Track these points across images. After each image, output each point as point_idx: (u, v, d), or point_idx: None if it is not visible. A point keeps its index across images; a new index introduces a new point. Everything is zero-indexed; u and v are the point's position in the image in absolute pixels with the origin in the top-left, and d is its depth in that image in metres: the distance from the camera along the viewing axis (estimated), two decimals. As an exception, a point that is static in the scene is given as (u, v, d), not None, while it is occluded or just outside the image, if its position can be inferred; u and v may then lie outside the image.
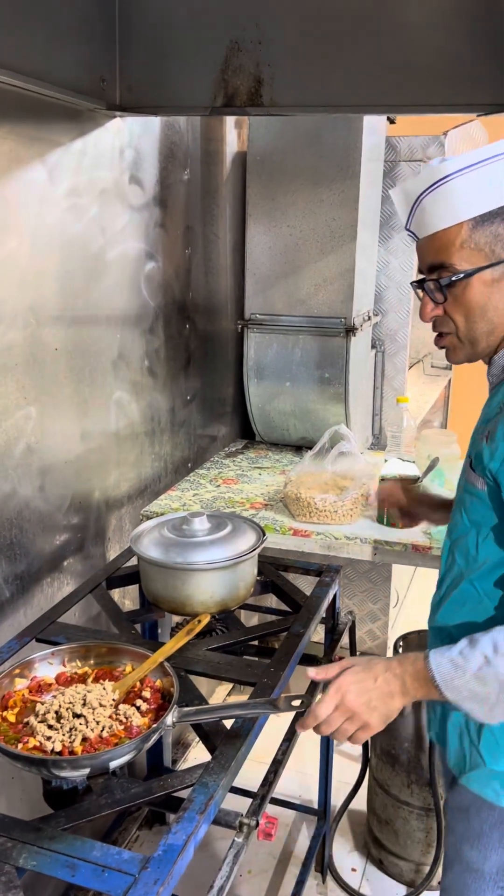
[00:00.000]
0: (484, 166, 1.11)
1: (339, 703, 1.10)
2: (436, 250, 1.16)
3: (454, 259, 1.14)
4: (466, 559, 1.22)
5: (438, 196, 1.13)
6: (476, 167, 1.11)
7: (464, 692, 1.08)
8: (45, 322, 1.71)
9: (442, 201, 1.13)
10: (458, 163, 1.12)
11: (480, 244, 1.13)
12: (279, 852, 2.30)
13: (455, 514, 1.27)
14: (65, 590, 1.88)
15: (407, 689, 1.11)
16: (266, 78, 1.79)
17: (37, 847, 1.03)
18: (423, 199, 1.15)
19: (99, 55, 1.77)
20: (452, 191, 1.12)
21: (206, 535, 1.68)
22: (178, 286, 2.40)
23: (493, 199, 1.12)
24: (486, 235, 1.12)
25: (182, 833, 1.05)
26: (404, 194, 1.19)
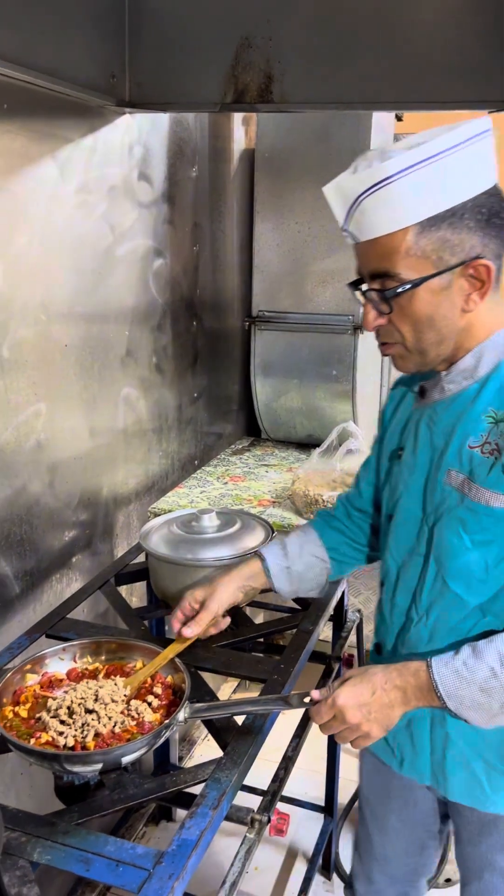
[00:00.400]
0: (429, 165, 1.00)
1: (336, 714, 1.08)
2: (378, 257, 1.06)
3: (399, 267, 1.05)
4: (468, 585, 1.14)
5: (380, 198, 1.02)
6: (421, 166, 1.00)
7: (466, 702, 1.07)
8: (55, 319, 1.71)
9: (384, 204, 1.02)
10: (402, 161, 1.00)
11: (427, 251, 1.03)
12: (286, 849, 2.30)
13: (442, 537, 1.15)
14: (73, 586, 1.88)
15: (408, 698, 1.09)
16: (276, 74, 1.78)
17: (51, 842, 1.03)
18: (362, 201, 1.03)
19: (109, 51, 1.77)
20: (396, 193, 1.01)
21: (215, 532, 1.68)
22: (186, 283, 2.40)
23: (439, 202, 1.01)
24: (433, 241, 1.03)
25: (196, 828, 1.05)
26: (341, 194, 1.06)
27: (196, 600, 1.36)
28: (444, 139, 1.00)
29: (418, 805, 1.40)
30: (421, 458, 1.20)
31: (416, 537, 1.21)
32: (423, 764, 1.27)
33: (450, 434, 1.14)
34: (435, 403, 1.18)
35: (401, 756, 1.30)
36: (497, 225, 1.06)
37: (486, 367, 1.12)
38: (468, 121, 1.02)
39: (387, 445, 1.33)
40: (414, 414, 1.25)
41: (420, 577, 1.20)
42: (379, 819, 1.46)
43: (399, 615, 1.25)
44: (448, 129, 1.02)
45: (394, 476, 1.28)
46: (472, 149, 1.02)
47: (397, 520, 1.25)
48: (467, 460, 1.12)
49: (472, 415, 1.12)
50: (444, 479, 1.14)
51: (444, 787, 1.26)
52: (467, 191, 1.02)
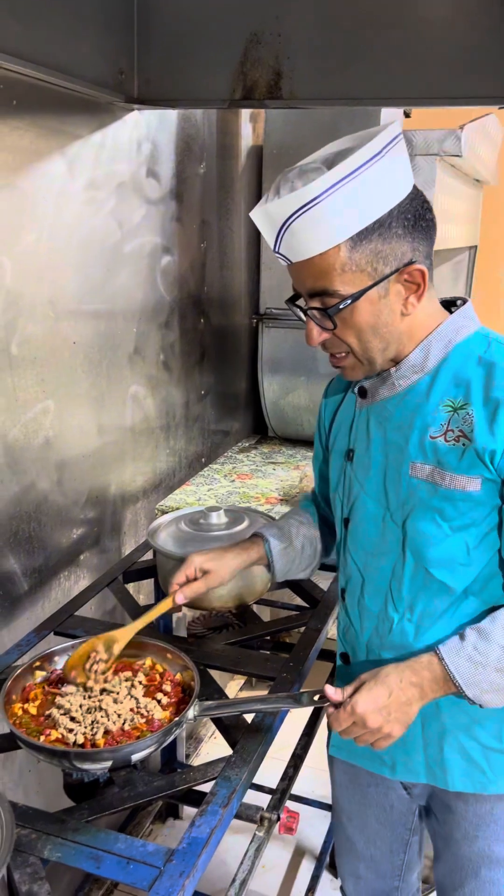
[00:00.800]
0: (353, 180, 1.01)
1: (357, 721, 1.07)
2: (314, 276, 1.07)
3: (336, 284, 1.06)
4: (453, 571, 1.14)
5: (308, 220, 1.02)
6: (344, 183, 1.01)
7: (484, 686, 1.08)
8: (63, 315, 1.71)
9: (313, 226, 1.03)
10: (324, 182, 1.00)
11: (361, 265, 1.05)
12: (293, 847, 2.30)
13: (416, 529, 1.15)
14: (81, 583, 1.88)
15: (425, 692, 1.10)
16: (285, 70, 1.78)
17: (61, 839, 1.03)
18: (290, 224, 1.04)
19: (117, 48, 1.76)
20: (322, 213, 1.01)
21: (223, 530, 1.67)
22: (194, 280, 2.40)
23: (367, 214, 1.03)
24: (366, 254, 1.04)
25: (206, 826, 1.05)
26: (268, 218, 1.07)
27: (199, 570, 1.36)
28: (363, 152, 1.01)
29: (395, 807, 1.41)
30: (376, 457, 1.21)
31: (379, 536, 1.21)
32: (418, 763, 1.27)
33: (408, 428, 1.16)
34: (384, 401, 1.20)
35: (392, 761, 1.29)
36: (423, 227, 1.09)
37: (434, 360, 1.15)
38: (379, 129, 1.04)
39: (336, 446, 1.33)
40: (359, 414, 1.26)
41: (393, 575, 1.20)
42: (359, 825, 1.46)
43: (370, 618, 1.25)
44: (360, 140, 1.04)
45: (347, 478, 1.28)
46: (388, 157, 1.04)
47: (355, 521, 1.25)
48: (431, 451, 1.13)
49: (428, 407, 1.14)
50: (408, 473, 1.15)
51: (443, 779, 1.25)
52: (391, 199, 1.05)
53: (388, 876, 1.49)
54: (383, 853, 1.46)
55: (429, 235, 1.10)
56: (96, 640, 1.32)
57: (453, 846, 1.33)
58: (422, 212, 1.08)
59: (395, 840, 1.45)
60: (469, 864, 1.32)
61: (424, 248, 1.10)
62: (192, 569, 1.36)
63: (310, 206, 1.02)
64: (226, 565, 1.37)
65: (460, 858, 1.32)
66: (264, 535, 1.41)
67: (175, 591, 1.36)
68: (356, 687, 1.10)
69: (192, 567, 1.36)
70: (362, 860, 1.49)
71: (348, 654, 1.32)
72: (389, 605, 1.21)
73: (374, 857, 1.47)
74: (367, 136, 1.04)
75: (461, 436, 1.10)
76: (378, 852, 1.46)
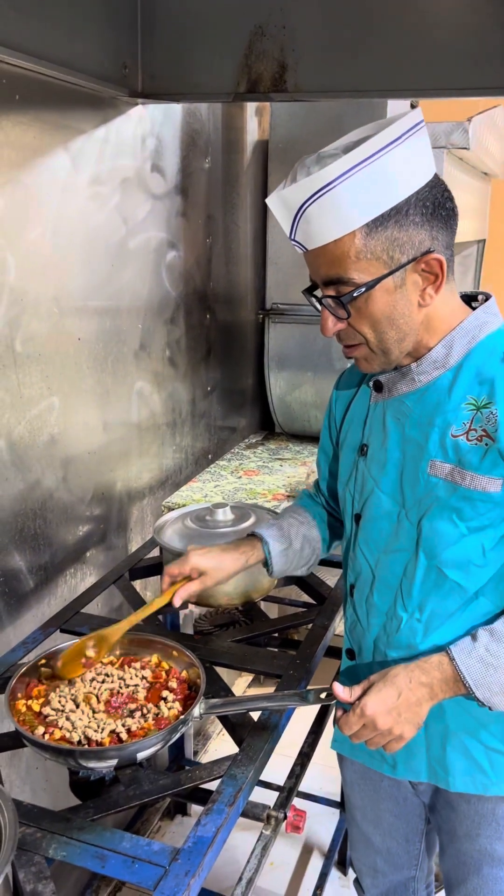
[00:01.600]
0: (368, 165, 0.99)
1: (367, 724, 1.06)
2: (329, 264, 1.05)
3: (351, 272, 1.04)
4: (467, 571, 1.13)
5: (323, 205, 1.01)
6: (360, 168, 0.98)
7: (495, 688, 1.07)
8: (68, 312, 1.70)
9: (328, 211, 1.01)
10: (340, 166, 0.98)
11: (377, 252, 1.03)
12: (301, 845, 2.30)
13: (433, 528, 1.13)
14: (87, 580, 1.88)
15: (435, 693, 1.08)
16: (290, 63, 1.76)
17: (66, 837, 1.02)
18: (305, 209, 1.02)
19: (121, 42, 1.75)
20: (338, 198, 1.00)
21: (229, 527, 1.67)
22: (199, 276, 2.39)
23: (383, 201, 1.01)
24: (382, 241, 1.02)
25: (212, 825, 1.04)
26: (283, 204, 1.05)
27: (197, 569, 1.33)
28: (380, 137, 0.99)
29: (408, 799, 1.40)
30: (392, 453, 1.18)
31: (393, 533, 1.19)
32: (419, 762, 1.25)
33: (428, 425, 1.13)
34: (402, 396, 1.17)
35: (393, 760, 1.28)
36: (443, 216, 1.06)
37: (457, 356, 1.12)
38: (399, 116, 1.02)
39: (348, 441, 1.30)
40: (374, 409, 1.23)
41: (405, 573, 1.18)
42: (374, 820, 1.45)
43: (378, 616, 1.23)
44: (380, 127, 1.02)
45: (359, 473, 1.25)
46: (408, 143, 1.01)
47: (368, 517, 1.23)
48: (452, 449, 1.11)
49: (450, 404, 1.12)
50: (427, 471, 1.13)
51: (444, 780, 1.24)
52: (409, 186, 1.02)
53: (405, 867, 1.48)
54: (400, 844, 1.46)
55: (448, 225, 1.07)
56: (87, 638, 1.32)
57: (456, 842, 1.32)
58: (441, 200, 1.05)
59: (411, 831, 1.44)
60: (471, 860, 1.31)
61: (444, 237, 1.06)
62: (188, 566, 1.33)
63: (325, 190, 1.00)
64: (223, 567, 1.34)
65: (463, 855, 1.32)
66: (263, 536, 1.38)
67: (167, 585, 1.34)
68: (365, 689, 1.09)
69: (188, 565, 1.33)
70: (379, 854, 1.48)
71: (354, 651, 1.31)
72: (399, 603, 1.20)
73: (390, 849, 1.46)
74: (387, 123, 1.01)
75: (484, 435, 1.08)
76: (395, 844, 1.46)
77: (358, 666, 1.29)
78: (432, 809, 1.37)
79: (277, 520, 1.45)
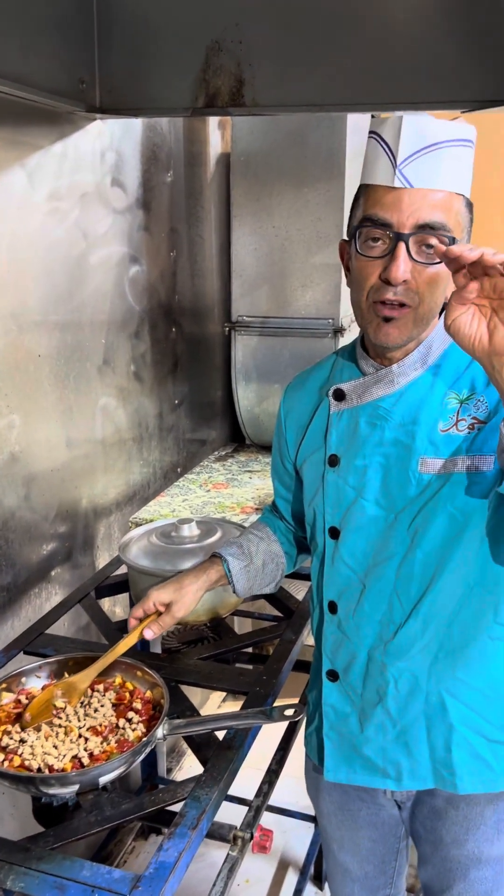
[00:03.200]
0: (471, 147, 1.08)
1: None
2: (437, 208, 1.04)
3: (452, 225, 1.06)
4: (466, 562, 1.13)
5: (455, 155, 1.04)
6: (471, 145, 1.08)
7: None
8: (27, 328, 1.69)
9: (458, 162, 1.05)
10: (472, 132, 1.07)
11: (465, 224, 1.09)
12: (277, 861, 2.28)
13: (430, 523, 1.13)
14: (53, 600, 1.85)
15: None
16: (247, 78, 1.76)
17: (24, 868, 1.00)
18: (441, 147, 1.03)
19: (77, 57, 1.74)
20: (466, 157, 1.06)
21: (195, 542, 1.65)
22: (164, 289, 2.38)
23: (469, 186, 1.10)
24: (467, 218, 1.10)
25: (174, 850, 1.02)
26: (415, 131, 1.02)
27: (162, 603, 1.33)
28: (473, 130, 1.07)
29: (385, 823, 1.39)
30: (372, 459, 1.17)
31: (382, 539, 1.17)
32: (425, 769, 1.23)
33: (412, 424, 1.14)
34: (377, 400, 1.17)
35: (397, 773, 1.25)
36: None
37: (434, 355, 1.15)
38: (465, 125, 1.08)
39: (313, 458, 1.27)
40: (338, 418, 1.21)
41: (398, 576, 1.17)
42: (351, 849, 1.43)
43: (371, 626, 1.21)
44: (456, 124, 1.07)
45: (331, 485, 1.22)
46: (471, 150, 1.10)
47: (352, 528, 1.20)
48: (443, 444, 1.12)
49: (433, 401, 1.13)
50: (417, 469, 1.13)
51: (451, 783, 1.22)
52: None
53: (381, 887, 1.47)
54: (376, 867, 1.44)
55: None
56: (54, 687, 1.27)
57: (442, 850, 1.31)
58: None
59: (387, 851, 1.43)
60: (458, 866, 1.31)
61: None
62: (150, 604, 1.32)
63: (464, 143, 1.05)
64: (187, 594, 1.33)
65: (449, 861, 1.31)
66: (222, 555, 1.37)
67: (135, 627, 1.32)
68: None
69: (150, 602, 1.32)
70: (357, 881, 1.46)
71: (338, 672, 1.26)
72: (396, 607, 1.18)
73: (368, 874, 1.45)
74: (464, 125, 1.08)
75: (475, 421, 1.11)
76: (371, 867, 1.44)
77: (352, 681, 1.25)
78: (413, 822, 1.36)
79: (236, 538, 1.44)
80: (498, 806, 1.25)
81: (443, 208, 1.04)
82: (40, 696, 1.26)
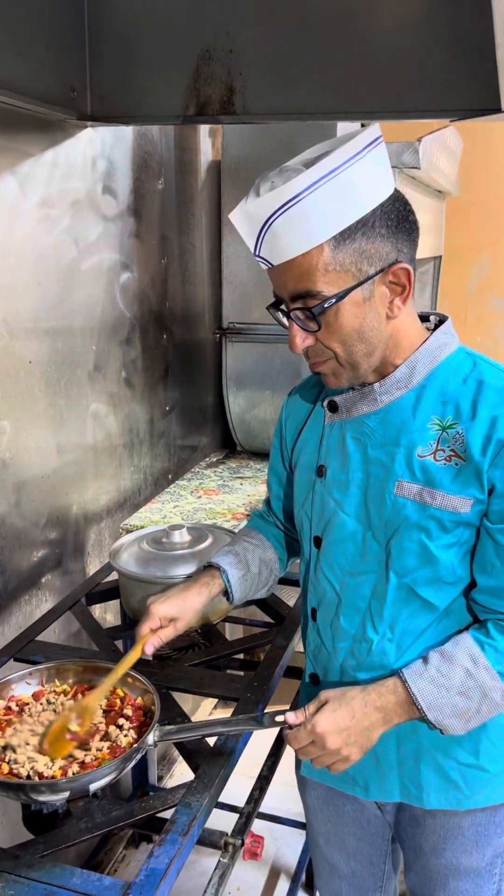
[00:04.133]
0: (334, 178, 0.98)
1: (315, 741, 1.05)
2: (297, 278, 1.04)
3: (319, 285, 1.03)
4: (438, 589, 1.13)
5: (290, 219, 1.00)
6: (326, 180, 0.98)
7: (447, 710, 1.07)
8: (17, 335, 1.69)
9: (295, 224, 1.00)
10: (307, 178, 0.98)
11: (346, 264, 1.02)
12: (269, 868, 2.27)
13: (402, 548, 1.13)
14: (43, 607, 1.85)
15: (389, 717, 1.08)
16: (238, 86, 1.77)
17: (14, 875, 1.00)
18: (272, 223, 1.01)
19: (69, 64, 1.75)
20: (304, 211, 0.99)
21: (185, 548, 1.65)
22: (155, 296, 2.38)
23: (350, 213, 1.01)
24: (350, 254, 1.02)
25: (164, 857, 1.02)
26: (248, 219, 1.04)
27: (166, 618, 1.31)
28: (343, 151, 0.99)
29: (371, 822, 1.40)
30: (354, 474, 1.18)
31: (359, 555, 1.18)
32: (392, 783, 1.25)
33: (393, 445, 1.13)
34: (363, 416, 1.17)
35: (365, 782, 1.27)
36: (406, 229, 1.07)
37: (419, 376, 1.13)
38: (358, 131, 1.03)
39: (303, 462, 1.29)
40: (330, 429, 1.22)
41: (374, 594, 1.17)
42: (338, 845, 1.44)
43: (345, 639, 1.22)
44: (338, 143, 1.03)
45: (317, 495, 1.24)
46: (369, 157, 1.02)
47: (331, 540, 1.21)
48: (419, 470, 1.11)
49: (415, 424, 1.12)
50: (394, 491, 1.13)
51: (417, 798, 1.24)
52: (373, 199, 1.03)
53: (370, 889, 1.47)
54: (364, 867, 1.44)
55: (412, 238, 1.08)
56: (69, 712, 1.24)
57: (422, 858, 1.32)
58: (404, 213, 1.06)
59: (375, 853, 1.43)
60: (437, 875, 1.31)
61: (408, 250, 1.07)
62: (157, 620, 1.29)
63: (291, 203, 0.99)
64: (190, 608, 1.31)
65: (429, 870, 1.32)
66: (221, 565, 1.36)
67: (144, 642, 1.29)
68: (318, 706, 1.08)
69: (156, 618, 1.29)
70: (344, 879, 1.47)
71: (318, 675, 1.30)
72: (368, 625, 1.19)
73: (355, 872, 1.45)
74: (346, 139, 1.02)
75: (454, 455, 1.08)
76: (359, 866, 1.44)
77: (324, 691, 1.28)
78: (397, 827, 1.37)
79: (231, 546, 1.42)
80: (475, 818, 1.25)
81: (302, 274, 1.03)
82: (57, 724, 1.22)
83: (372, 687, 1.10)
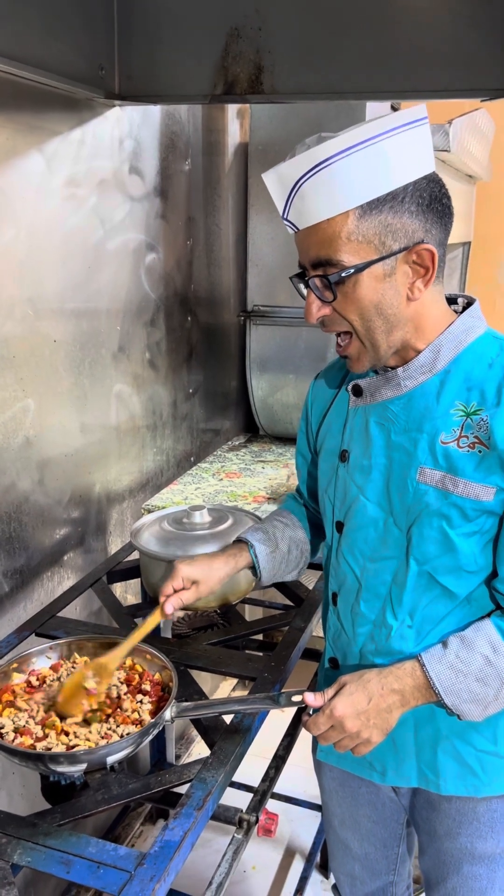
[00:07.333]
0: (369, 146, 0.97)
1: (335, 725, 1.06)
2: (319, 244, 1.03)
3: (341, 253, 1.01)
4: (458, 577, 1.12)
5: (319, 182, 0.99)
6: (360, 148, 0.97)
7: (464, 695, 1.07)
8: (43, 314, 1.70)
9: (324, 188, 0.99)
10: (340, 143, 0.97)
11: (369, 236, 1.01)
12: (283, 849, 2.29)
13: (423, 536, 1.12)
14: (65, 584, 1.87)
15: (406, 699, 1.08)
16: (266, 65, 1.76)
17: (32, 843, 1.02)
18: (301, 186, 1.00)
19: (97, 43, 1.74)
20: (335, 176, 0.98)
21: (206, 529, 1.66)
22: (180, 278, 2.38)
23: (380, 185, 0.99)
24: (375, 226, 1.00)
25: (179, 829, 1.03)
26: (279, 180, 1.03)
27: (189, 579, 1.31)
28: (381, 122, 0.98)
29: (386, 804, 1.40)
30: (377, 459, 1.16)
31: (380, 541, 1.17)
32: (410, 768, 1.25)
33: (416, 431, 1.12)
34: (386, 401, 1.15)
35: (382, 767, 1.27)
36: (438, 210, 1.04)
37: (444, 361, 1.11)
38: (406, 110, 1.01)
39: (327, 446, 1.28)
40: (354, 413, 1.21)
41: (394, 581, 1.17)
42: (352, 826, 1.45)
43: (365, 625, 1.21)
44: (384, 116, 1.01)
45: (340, 479, 1.23)
46: (410, 133, 1.00)
47: (353, 525, 1.21)
48: (443, 456, 1.09)
49: (438, 410, 1.10)
50: (416, 478, 1.11)
51: (435, 784, 1.24)
52: (407, 174, 1.01)
53: (383, 872, 1.48)
54: (378, 850, 1.45)
55: (443, 222, 1.05)
56: (85, 668, 1.26)
57: (437, 842, 1.32)
58: (439, 195, 1.04)
59: (389, 836, 1.44)
60: (451, 859, 1.31)
61: (437, 233, 1.05)
62: (180, 580, 1.30)
63: (323, 165, 0.98)
64: (214, 575, 1.31)
65: (443, 854, 1.32)
66: (249, 540, 1.36)
67: (164, 602, 1.30)
68: (336, 690, 1.08)
69: (180, 578, 1.29)
70: (357, 860, 1.48)
71: (338, 659, 1.30)
72: (388, 611, 1.18)
73: (368, 855, 1.46)
74: (392, 115, 1.01)
75: (477, 442, 1.06)
76: (373, 849, 1.45)
77: (342, 674, 1.28)
78: (412, 810, 1.37)
79: (261, 524, 1.43)
80: (491, 804, 1.25)
81: (325, 240, 1.02)
82: (72, 679, 1.23)
83: (389, 669, 1.10)
